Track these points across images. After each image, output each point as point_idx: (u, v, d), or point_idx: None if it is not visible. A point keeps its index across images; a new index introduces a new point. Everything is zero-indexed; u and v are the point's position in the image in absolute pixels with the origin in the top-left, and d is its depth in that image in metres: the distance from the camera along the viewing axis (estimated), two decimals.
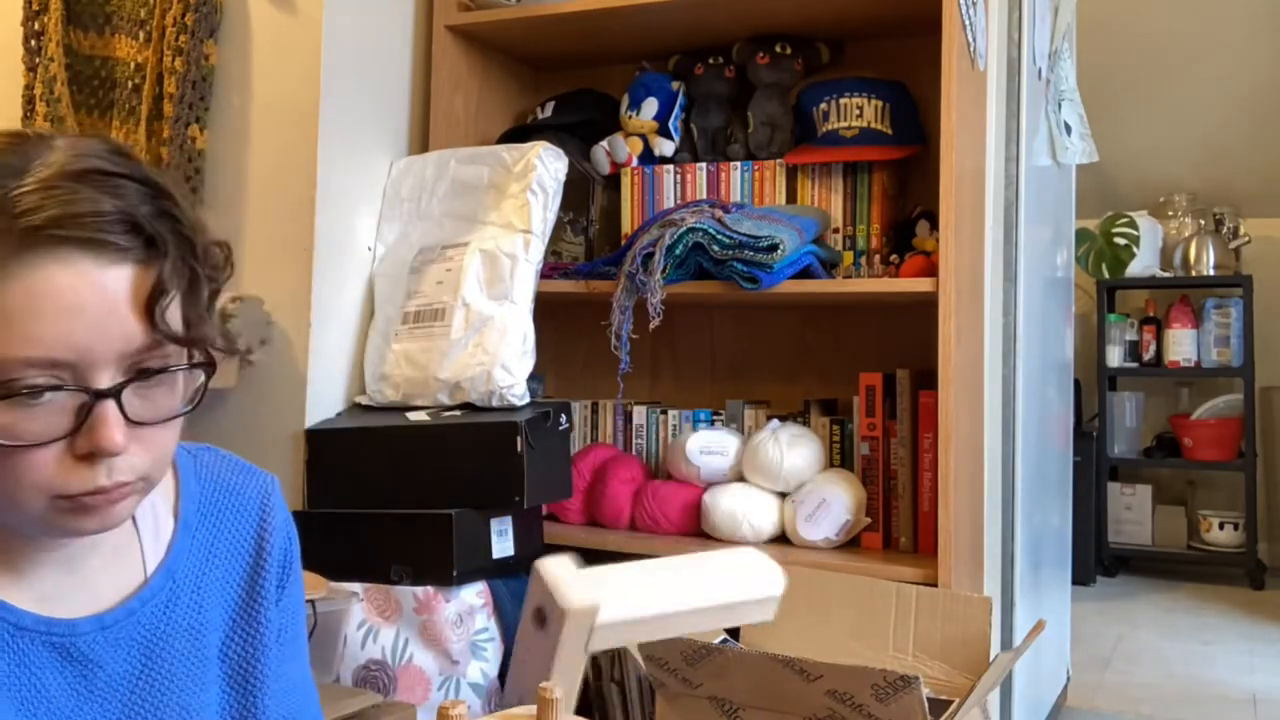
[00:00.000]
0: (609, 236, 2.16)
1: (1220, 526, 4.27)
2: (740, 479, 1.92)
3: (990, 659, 1.50)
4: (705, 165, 2.05)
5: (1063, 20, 2.54)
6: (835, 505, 1.83)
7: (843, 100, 1.96)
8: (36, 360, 0.65)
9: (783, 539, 1.89)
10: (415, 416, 1.82)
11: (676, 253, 1.83)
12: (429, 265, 1.92)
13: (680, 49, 2.14)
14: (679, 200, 2.05)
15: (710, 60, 2.09)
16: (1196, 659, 3.24)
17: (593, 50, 2.24)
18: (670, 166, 2.08)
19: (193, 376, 0.73)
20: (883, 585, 1.63)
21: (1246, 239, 4.29)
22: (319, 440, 1.81)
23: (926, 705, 1.22)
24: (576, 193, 2.12)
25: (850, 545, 1.85)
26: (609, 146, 2.13)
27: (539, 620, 0.70)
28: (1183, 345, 4.24)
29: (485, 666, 1.73)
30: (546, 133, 2.11)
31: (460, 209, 1.95)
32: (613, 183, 2.16)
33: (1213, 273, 4.27)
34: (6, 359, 0.64)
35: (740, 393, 2.18)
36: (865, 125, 1.94)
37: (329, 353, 1.89)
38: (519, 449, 1.70)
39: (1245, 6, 3.80)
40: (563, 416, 1.82)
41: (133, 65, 1.94)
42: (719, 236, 1.79)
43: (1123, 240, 4.25)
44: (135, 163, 0.70)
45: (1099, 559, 4.26)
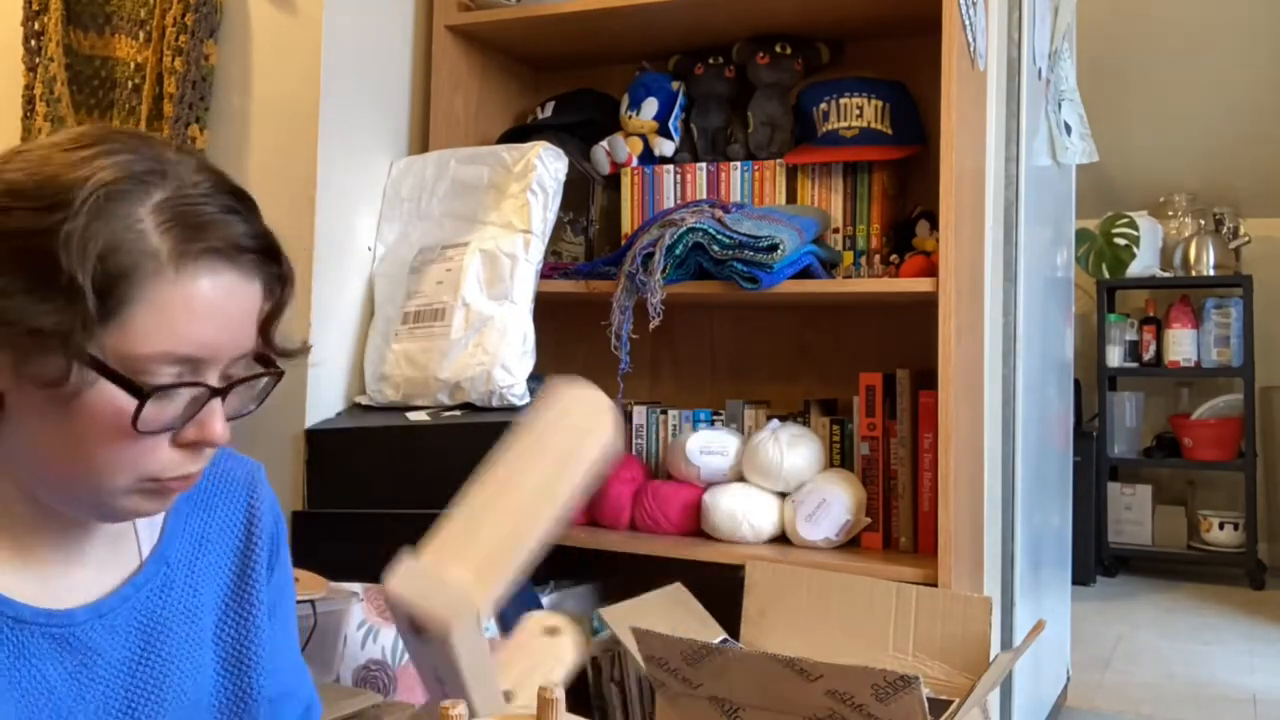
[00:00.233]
0: (609, 236, 2.16)
1: (1220, 526, 4.27)
2: (740, 479, 1.92)
3: (990, 659, 1.50)
4: (705, 165, 2.05)
5: (1063, 20, 2.54)
6: (835, 505, 1.83)
7: (843, 100, 1.96)
8: (169, 356, 0.69)
9: (783, 539, 1.89)
10: (415, 416, 1.82)
11: (676, 253, 1.83)
12: (429, 265, 1.92)
13: (680, 49, 2.14)
14: (679, 200, 2.05)
15: (710, 60, 2.09)
16: (1196, 659, 3.24)
17: (593, 50, 2.24)
18: (670, 166, 2.08)
19: (266, 381, 0.80)
20: (883, 585, 1.63)
21: (1246, 239, 4.29)
22: (319, 440, 1.81)
23: (926, 705, 1.22)
24: (576, 193, 2.12)
25: (850, 545, 1.85)
26: (609, 146, 2.13)
27: (415, 629, 0.64)
28: (1183, 345, 4.24)
29: None
30: (546, 133, 2.11)
31: (460, 209, 1.95)
32: (613, 183, 2.16)
33: (1213, 273, 4.27)
34: (147, 354, 0.68)
35: (740, 393, 2.17)
36: (865, 125, 1.94)
37: (329, 353, 1.89)
38: None
39: (1245, 7, 3.79)
40: None
41: (133, 65, 1.94)
42: (719, 236, 1.79)
43: (1123, 240, 4.25)
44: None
45: (1099, 559, 4.26)
